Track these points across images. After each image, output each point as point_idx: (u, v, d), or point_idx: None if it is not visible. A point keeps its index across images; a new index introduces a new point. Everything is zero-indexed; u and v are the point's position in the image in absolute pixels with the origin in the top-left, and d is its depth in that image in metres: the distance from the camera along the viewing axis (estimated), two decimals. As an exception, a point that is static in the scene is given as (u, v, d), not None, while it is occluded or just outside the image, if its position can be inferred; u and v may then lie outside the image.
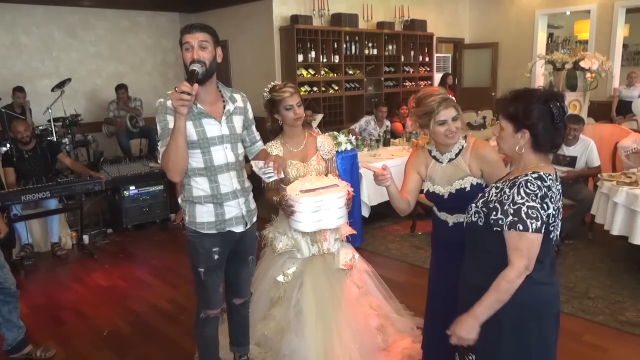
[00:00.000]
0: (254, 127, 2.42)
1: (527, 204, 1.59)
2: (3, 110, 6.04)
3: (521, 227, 1.58)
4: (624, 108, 7.81)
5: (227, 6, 7.72)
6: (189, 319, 3.31)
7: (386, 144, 5.93)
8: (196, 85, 1.99)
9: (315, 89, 7.27)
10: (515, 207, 1.60)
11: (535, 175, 1.63)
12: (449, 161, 2.19)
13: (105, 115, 7.26)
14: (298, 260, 2.65)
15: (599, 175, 4.26)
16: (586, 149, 4.58)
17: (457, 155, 2.18)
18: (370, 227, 5.15)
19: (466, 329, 1.68)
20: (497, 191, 1.71)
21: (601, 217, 4.00)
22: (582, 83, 5.59)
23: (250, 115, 2.38)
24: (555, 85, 5.82)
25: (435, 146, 2.23)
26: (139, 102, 7.30)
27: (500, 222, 1.64)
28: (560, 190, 1.73)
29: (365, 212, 4.91)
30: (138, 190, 5.29)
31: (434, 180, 2.21)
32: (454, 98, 2.18)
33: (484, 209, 1.71)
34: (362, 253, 3.11)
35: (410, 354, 2.78)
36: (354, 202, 4.48)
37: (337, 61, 7.49)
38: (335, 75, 7.56)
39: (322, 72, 7.34)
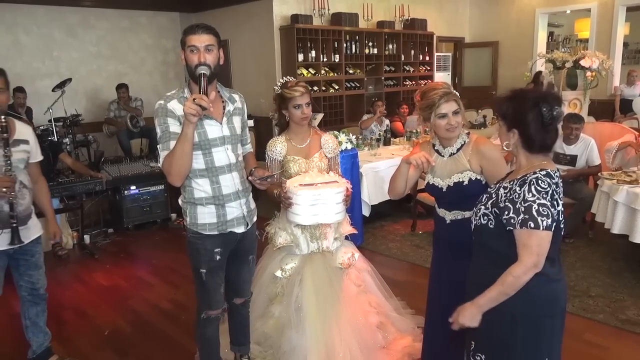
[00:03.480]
0: (247, 129, 2.43)
1: (538, 201, 1.60)
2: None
3: (532, 225, 1.59)
4: (626, 106, 7.82)
5: (227, 6, 7.72)
6: (189, 318, 3.31)
7: (386, 143, 5.93)
8: (213, 94, 2.00)
9: (315, 88, 7.26)
10: (527, 204, 1.61)
11: (544, 172, 1.65)
12: (450, 155, 2.21)
13: (106, 115, 7.26)
14: (297, 256, 2.68)
15: (599, 174, 4.26)
16: (586, 147, 4.58)
17: (458, 150, 2.21)
18: (370, 226, 5.15)
19: (469, 317, 1.71)
20: (505, 191, 1.70)
21: (602, 215, 4.00)
22: (582, 82, 5.59)
23: (246, 116, 2.40)
24: (556, 84, 5.82)
25: (438, 140, 2.26)
26: (139, 102, 7.31)
27: (512, 220, 1.63)
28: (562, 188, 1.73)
29: (366, 211, 4.91)
30: (139, 190, 5.30)
31: (435, 172, 2.24)
32: (457, 93, 2.19)
33: (495, 210, 1.71)
34: (362, 252, 3.12)
35: (410, 353, 2.78)
36: (354, 202, 4.51)
37: (337, 60, 7.49)
38: (335, 74, 7.56)
39: (323, 72, 7.34)
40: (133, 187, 5.26)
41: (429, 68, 9.09)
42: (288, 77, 2.75)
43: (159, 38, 8.48)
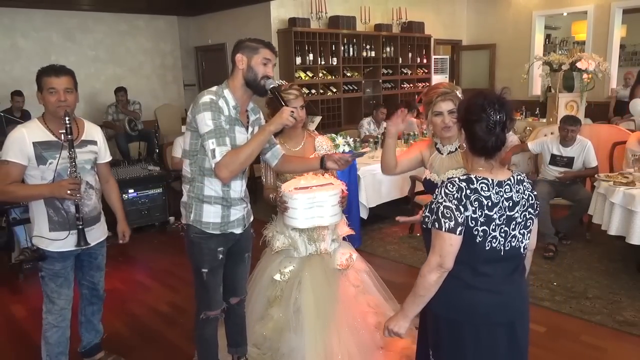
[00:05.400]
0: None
1: (444, 203, 1.64)
2: (2, 114, 6.05)
3: (437, 226, 1.64)
4: (621, 108, 7.84)
5: (225, 9, 7.75)
6: (188, 321, 3.31)
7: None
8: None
9: (313, 91, 7.29)
10: (437, 206, 1.66)
11: (464, 177, 1.67)
12: (448, 153, 2.28)
13: (104, 118, 7.27)
14: (295, 259, 2.69)
15: (596, 176, 4.27)
16: (583, 149, 4.60)
17: (457, 149, 2.26)
18: (368, 228, 5.16)
19: (395, 323, 1.77)
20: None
21: (598, 217, 4.01)
22: (579, 84, 5.62)
23: (263, 120, 2.45)
24: (553, 86, 5.85)
25: (439, 138, 2.32)
26: (137, 105, 7.32)
27: (426, 219, 1.70)
28: (520, 201, 1.69)
29: (364, 214, 4.92)
30: (137, 194, 5.29)
31: (433, 168, 2.30)
32: (458, 94, 2.22)
33: (425, 208, 1.76)
34: (360, 254, 3.12)
35: (408, 354, 2.78)
36: (352, 204, 4.52)
37: (335, 63, 7.51)
38: (333, 77, 7.58)
39: (320, 75, 7.36)
40: (131, 191, 5.26)
41: (426, 71, 9.13)
42: (281, 80, 2.77)
43: (157, 42, 8.49)
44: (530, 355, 2.83)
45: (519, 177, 1.73)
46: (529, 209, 1.72)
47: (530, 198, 1.72)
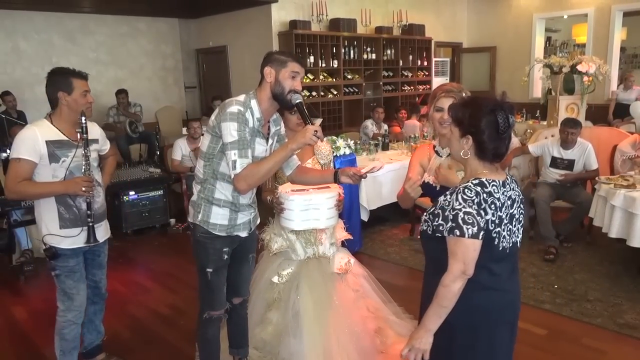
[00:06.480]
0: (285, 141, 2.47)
1: (463, 209, 1.61)
2: (3, 116, 6.06)
3: (458, 233, 1.61)
4: (621, 111, 7.84)
5: (226, 11, 7.76)
6: (188, 323, 3.32)
7: (385, 148, 5.94)
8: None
9: (314, 93, 7.30)
10: (454, 212, 1.62)
11: (476, 181, 1.66)
12: (447, 156, 2.25)
13: (105, 120, 7.27)
14: (294, 262, 2.70)
15: (596, 178, 4.28)
16: (584, 152, 4.60)
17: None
18: (369, 231, 5.16)
19: (418, 339, 1.69)
20: (444, 198, 1.71)
21: (599, 219, 4.01)
22: (579, 86, 5.62)
23: (283, 131, 2.46)
24: (553, 88, 5.85)
25: (438, 140, 2.31)
26: (138, 107, 7.32)
27: (441, 227, 1.66)
28: (516, 198, 1.72)
29: (365, 216, 4.92)
30: (138, 196, 5.29)
31: (432, 171, 2.28)
32: (463, 94, 2.22)
33: (431, 216, 1.73)
34: (361, 257, 3.13)
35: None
36: (352, 206, 4.52)
37: (335, 66, 7.52)
38: (334, 80, 7.58)
39: (321, 77, 7.37)
40: (132, 193, 5.26)
41: (427, 73, 9.13)
42: None
43: (158, 44, 8.51)
44: (531, 358, 2.85)
45: (511, 176, 1.78)
46: (521, 205, 1.76)
47: (520, 194, 1.77)
